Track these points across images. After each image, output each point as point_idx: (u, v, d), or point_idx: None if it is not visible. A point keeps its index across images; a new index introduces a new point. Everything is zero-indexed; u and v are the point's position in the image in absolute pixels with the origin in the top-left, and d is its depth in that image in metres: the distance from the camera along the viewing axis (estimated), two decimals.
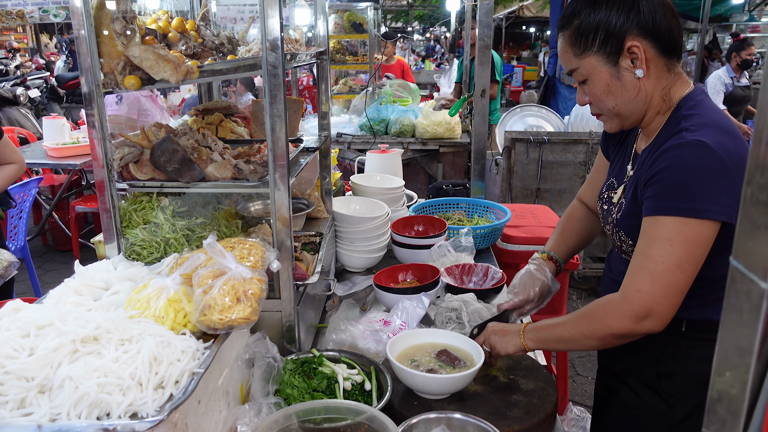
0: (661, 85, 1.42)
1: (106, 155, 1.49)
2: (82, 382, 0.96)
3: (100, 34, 1.44)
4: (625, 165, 1.57)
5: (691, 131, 1.31)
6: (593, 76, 1.42)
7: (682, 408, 1.47)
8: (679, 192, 1.28)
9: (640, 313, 1.31)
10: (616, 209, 1.51)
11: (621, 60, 1.38)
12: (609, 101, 1.43)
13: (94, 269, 1.43)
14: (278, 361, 1.41)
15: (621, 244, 1.52)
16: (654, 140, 1.44)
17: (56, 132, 5.50)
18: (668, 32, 1.38)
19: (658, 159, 1.33)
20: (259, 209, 2.11)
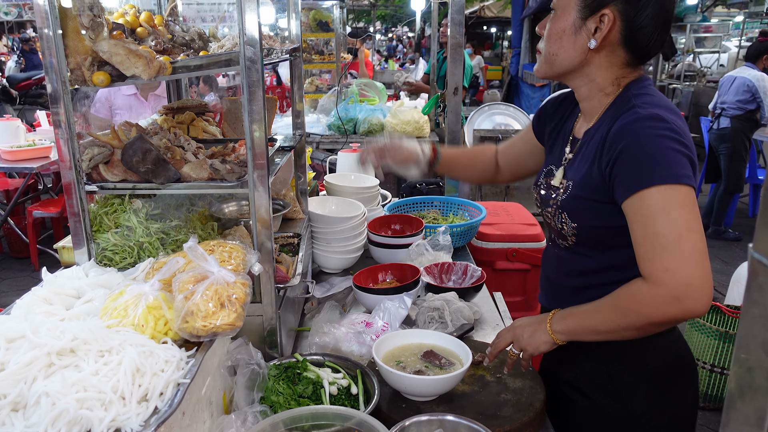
0: (613, 73, 1.41)
1: (73, 156, 1.42)
2: (59, 398, 0.90)
3: (66, 28, 1.36)
4: (562, 148, 1.55)
5: (643, 108, 1.31)
6: (562, 12, 1.40)
7: (637, 405, 1.47)
8: (653, 162, 1.25)
9: (678, 293, 1.20)
10: (562, 191, 1.47)
11: (589, 20, 1.36)
12: (554, 46, 1.42)
13: (63, 276, 1.35)
14: (263, 368, 1.36)
15: (562, 227, 1.47)
16: (600, 120, 1.42)
17: (10, 134, 5.28)
18: (644, 36, 1.36)
19: (618, 137, 1.30)
20: (234, 210, 2.05)
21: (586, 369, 1.53)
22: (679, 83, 11.75)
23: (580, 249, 1.48)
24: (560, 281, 1.57)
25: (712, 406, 3.58)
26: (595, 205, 1.38)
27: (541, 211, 1.58)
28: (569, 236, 1.48)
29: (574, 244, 1.48)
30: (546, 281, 1.65)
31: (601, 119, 1.42)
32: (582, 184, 1.41)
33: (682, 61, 12.44)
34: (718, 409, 3.58)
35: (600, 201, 1.37)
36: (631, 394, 1.47)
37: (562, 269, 1.56)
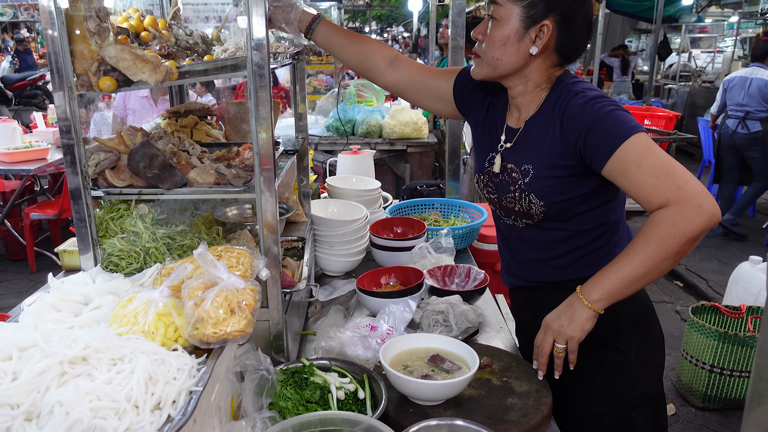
0: (547, 73, 1.58)
1: (80, 161, 1.41)
2: (73, 407, 0.89)
3: (72, 33, 1.35)
4: (497, 137, 1.68)
5: (587, 92, 1.50)
6: (504, 21, 1.51)
7: (631, 351, 1.64)
8: (618, 123, 1.42)
9: (698, 200, 1.34)
10: (522, 175, 1.59)
11: (531, 29, 1.50)
12: (498, 52, 1.53)
13: (70, 282, 1.34)
14: (272, 374, 1.35)
15: (530, 208, 1.58)
16: (540, 109, 1.58)
17: (7, 136, 5.26)
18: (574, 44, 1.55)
19: (579, 116, 1.46)
20: (237, 214, 2.04)
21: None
22: (675, 83, 11.80)
23: (547, 224, 1.62)
24: (532, 257, 1.70)
25: (712, 407, 3.59)
26: (561, 181, 1.53)
27: (496, 197, 1.69)
28: (537, 214, 1.59)
29: (540, 220, 1.61)
30: (513, 262, 1.79)
31: (542, 108, 1.58)
32: (544, 165, 1.55)
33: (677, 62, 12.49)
34: (718, 409, 3.59)
35: (564, 176, 1.53)
36: (626, 341, 1.64)
37: (532, 246, 1.69)
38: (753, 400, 0.62)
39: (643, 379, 1.65)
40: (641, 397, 1.66)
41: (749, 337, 3.37)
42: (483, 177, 1.73)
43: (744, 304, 3.66)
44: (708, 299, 4.38)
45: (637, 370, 1.65)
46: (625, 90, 10.55)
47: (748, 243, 6.25)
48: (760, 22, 11.80)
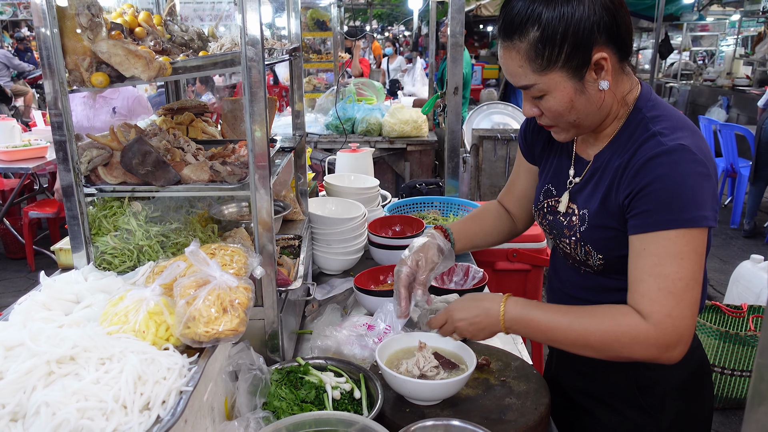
0: (620, 92, 1.33)
1: (72, 158, 1.39)
2: (60, 408, 0.87)
3: (64, 28, 1.33)
4: (565, 170, 1.47)
5: (666, 135, 1.24)
6: (555, 92, 1.27)
7: (666, 417, 1.44)
8: (678, 203, 1.19)
9: (671, 341, 1.20)
10: (578, 221, 1.40)
11: (587, 74, 1.25)
12: (571, 116, 1.30)
13: (62, 281, 1.33)
14: (265, 373, 1.34)
15: (587, 258, 1.40)
16: (613, 143, 1.35)
17: (6, 134, 5.25)
18: (628, 35, 1.29)
19: (643, 170, 1.23)
20: (233, 212, 2.03)
21: (613, 381, 1.47)
22: (676, 82, 11.77)
23: (608, 273, 1.40)
24: (583, 297, 1.49)
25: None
26: (620, 235, 1.31)
27: (553, 238, 1.52)
28: (595, 266, 1.40)
29: (602, 271, 1.41)
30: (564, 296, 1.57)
31: (614, 141, 1.35)
32: (600, 213, 1.34)
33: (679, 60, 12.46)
34: (719, 408, 3.57)
35: (621, 230, 1.31)
36: (660, 406, 1.44)
37: (586, 286, 1.48)
38: (754, 401, 0.60)
39: None
40: None
41: (750, 337, 3.35)
42: (538, 212, 1.56)
43: (745, 303, 3.64)
44: (709, 298, 4.36)
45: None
46: None
47: (749, 242, 6.23)
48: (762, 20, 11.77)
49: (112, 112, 4.24)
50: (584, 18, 1.20)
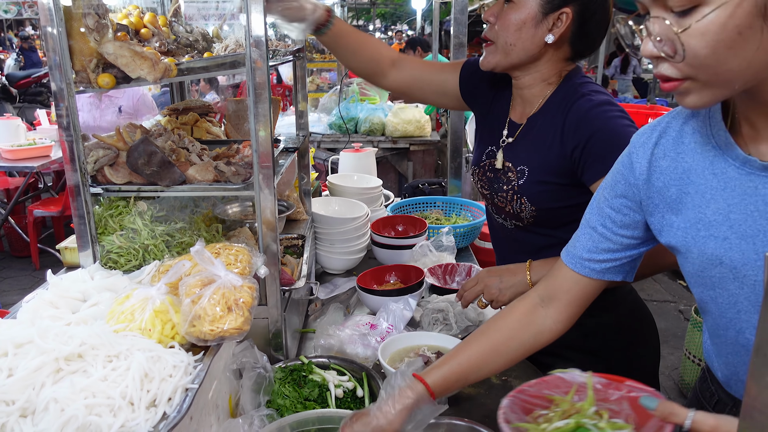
0: (558, 66, 1.51)
1: (78, 158, 1.41)
2: (68, 404, 0.89)
3: (71, 30, 1.35)
4: (499, 131, 1.63)
5: (593, 95, 1.44)
6: (521, 4, 1.43)
7: (612, 356, 1.61)
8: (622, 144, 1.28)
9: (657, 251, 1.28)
10: (517, 175, 1.54)
11: (549, 16, 1.43)
12: (512, 36, 1.46)
13: (69, 279, 1.34)
14: (269, 372, 1.35)
15: (520, 210, 1.55)
16: (544, 107, 1.52)
17: (11, 133, 5.26)
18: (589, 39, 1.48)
19: (582, 123, 1.41)
20: (237, 212, 2.04)
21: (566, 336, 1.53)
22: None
23: (537, 229, 1.58)
24: (518, 260, 1.62)
25: None
26: (556, 188, 1.49)
27: (489, 193, 1.65)
28: (527, 218, 1.56)
29: (531, 224, 1.57)
30: (502, 261, 1.74)
31: (546, 106, 1.52)
32: (540, 168, 1.50)
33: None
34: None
35: (560, 183, 1.48)
36: (604, 347, 1.61)
37: (520, 248, 1.65)
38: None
39: None
40: None
41: None
42: (478, 170, 1.70)
43: None
44: None
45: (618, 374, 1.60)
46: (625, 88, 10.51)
47: None
48: None
49: (118, 112, 4.26)
50: None
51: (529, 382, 1.03)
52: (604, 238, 1.13)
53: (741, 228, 0.91)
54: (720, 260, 0.95)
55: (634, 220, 1.08)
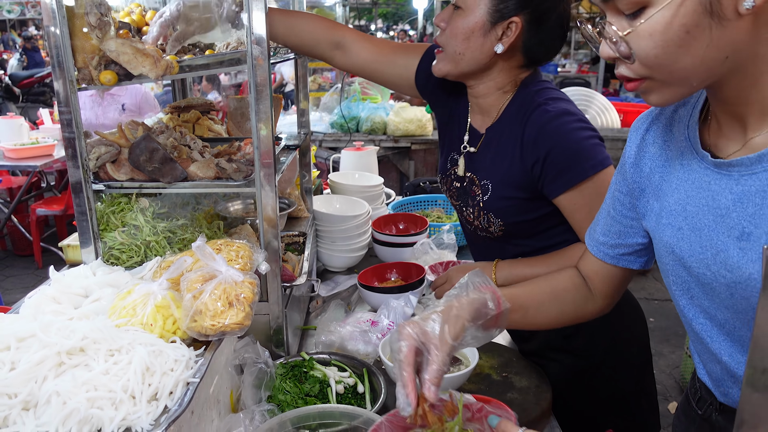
0: (512, 75, 1.48)
1: (81, 155, 1.42)
2: (70, 397, 0.90)
3: (73, 27, 1.36)
4: (460, 137, 1.60)
5: (549, 104, 1.40)
6: (469, 11, 1.39)
7: (595, 354, 1.60)
8: (579, 157, 1.36)
9: None
10: (481, 191, 1.52)
11: (498, 25, 1.38)
12: (460, 45, 1.41)
13: (71, 275, 1.35)
14: (270, 367, 1.36)
15: (489, 225, 1.55)
16: (503, 117, 1.49)
17: (14, 132, 5.29)
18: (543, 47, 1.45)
19: (539, 138, 1.38)
20: (239, 209, 2.05)
21: (544, 338, 1.63)
22: None
23: (509, 239, 1.58)
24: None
25: None
26: (520, 202, 1.48)
27: (457, 204, 1.65)
28: (496, 231, 1.55)
29: (501, 236, 1.57)
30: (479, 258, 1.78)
31: (504, 116, 1.49)
32: (503, 183, 1.48)
33: None
34: None
35: (524, 198, 1.47)
36: (587, 346, 1.60)
37: (495, 255, 1.65)
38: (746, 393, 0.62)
39: (608, 385, 1.61)
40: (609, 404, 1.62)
41: None
42: (445, 179, 1.66)
43: None
44: None
45: (602, 375, 1.61)
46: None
47: None
48: None
49: (120, 110, 4.28)
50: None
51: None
52: (615, 221, 1.14)
53: (693, 220, 0.93)
54: (672, 249, 0.98)
55: (633, 204, 1.10)
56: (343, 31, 1.72)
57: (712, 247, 0.88)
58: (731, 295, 0.87)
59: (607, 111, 5.09)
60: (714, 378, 1.03)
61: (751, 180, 0.84)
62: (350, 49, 1.69)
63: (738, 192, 0.86)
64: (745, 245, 0.84)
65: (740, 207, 0.85)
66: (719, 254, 0.87)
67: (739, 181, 0.86)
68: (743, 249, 0.84)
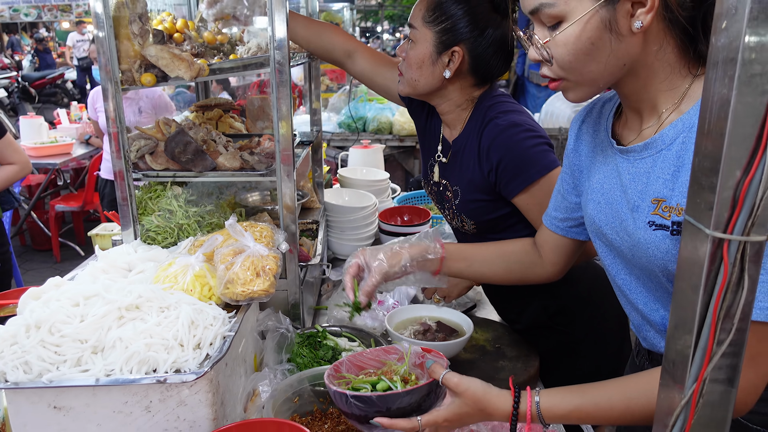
0: (466, 93, 1.66)
1: (123, 147, 1.61)
2: (131, 343, 1.09)
3: (119, 35, 1.55)
4: (434, 146, 1.80)
5: (500, 117, 1.58)
6: (419, 45, 1.59)
7: (578, 329, 1.79)
8: (528, 162, 1.54)
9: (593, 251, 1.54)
10: (453, 196, 1.72)
11: (443, 55, 1.58)
12: (415, 73, 1.62)
13: (115, 253, 1.55)
14: (291, 332, 1.55)
15: (463, 224, 1.75)
16: (465, 131, 1.67)
17: (34, 131, 5.51)
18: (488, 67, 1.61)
19: (491, 150, 1.57)
20: (257, 199, 2.25)
21: (531, 316, 1.83)
22: None
23: (483, 234, 1.76)
24: None
25: None
26: (486, 204, 1.67)
27: (438, 206, 1.86)
28: (470, 229, 1.75)
29: (476, 232, 1.76)
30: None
31: (466, 130, 1.68)
32: (470, 189, 1.67)
33: None
34: None
35: (488, 200, 1.66)
36: (570, 322, 1.79)
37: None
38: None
39: (591, 357, 1.79)
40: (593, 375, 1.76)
41: None
42: (427, 184, 1.88)
43: None
44: None
45: (585, 349, 1.79)
46: None
47: None
48: None
49: (137, 112, 4.48)
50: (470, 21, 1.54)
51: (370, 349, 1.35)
52: (563, 198, 1.36)
53: (607, 195, 1.15)
54: (593, 219, 1.20)
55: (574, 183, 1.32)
56: (355, 44, 1.98)
57: (617, 217, 1.11)
58: (633, 255, 1.09)
59: None
60: (636, 325, 1.26)
61: (641, 163, 1.06)
62: (356, 60, 1.96)
63: (633, 172, 1.07)
64: (636, 216, 1.06)
65: (633, 185, 1.07)
66: (622, 223, 1.10)
67: (634, 164, 1.08)
68: (635, 219, 1.06)
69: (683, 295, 0.72)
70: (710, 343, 0.69)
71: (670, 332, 0.76)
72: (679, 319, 0.74)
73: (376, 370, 1.27)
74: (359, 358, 1.30)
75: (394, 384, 1.17)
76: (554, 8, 0.97)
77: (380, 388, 1.17)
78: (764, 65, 0.60)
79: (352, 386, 1.20)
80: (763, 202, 0.64)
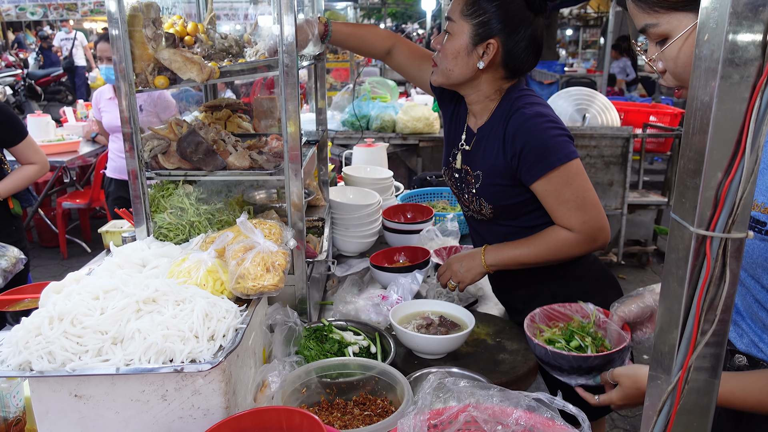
0: (496, 85, 1.79)
1: (137, 147, 1.67)
2: (149, 334, 1.15)
3: (134, 39, 1.61)
4: (459, 136, 1.92)
5: (526, 108, 1.71)
6: (456, 36, 1.72)
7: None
8: (548, 151, 1.66)
9: (594, 236, 1.72)
10: (474, 181, 1.84)
11: (478, 46, 1.71)
12: (450, 63, 1.74)
13: (129, 249, 1.60)
14: (299, 326, 1.60)
15: (481, 209, 1.86)
16: (491, 120, 1.80)
17: (41, 129, 5.57)
18: (519, 61, 1.74)
19: (516, 136, 1.69)
20: (264, 198, 2.30)
21: (536, 295, 1.91)
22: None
23: (498, 221, 1.89)
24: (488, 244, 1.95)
25: None
26: (505, 189, 1.79)
27: (457, 192, 1.98)
28: (487, 214, 1.86)
29: (492, 218, 1.87)
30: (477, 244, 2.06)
31: (492, 119, 1.80)
32: (491, 173, 1.79)
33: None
34: None
35: (508, 185, 1.78)
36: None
37: (486, 236, 1.97)
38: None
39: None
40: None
41: None
42: (447, 171, 1.99)
43: None
44: None
45: None
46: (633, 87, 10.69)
47: None
48: None
49: (138, 110, 4.55)
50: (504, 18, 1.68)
51: (557, 304, 1.60)
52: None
53: None
54: None
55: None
56: (395, 39, 2.19)
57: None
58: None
59: (608, 110, 5.31)
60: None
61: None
62: (395, 54, 2.16)
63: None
64: None
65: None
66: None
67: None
68: None
69: (671, 289, 0.78)
70: (694, 333, 0.75)
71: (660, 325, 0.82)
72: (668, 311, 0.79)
73: (564, 324, 1.55)
74: (549, 311, 1.58)
75: (585, 343, 1.44)
76: (658, 27, 1.11)
77: (573, 346, 1.44)
78: (742, 75, 0.65)
79: (547, 338, 1.50)
80: (743, 201, 0.69)
